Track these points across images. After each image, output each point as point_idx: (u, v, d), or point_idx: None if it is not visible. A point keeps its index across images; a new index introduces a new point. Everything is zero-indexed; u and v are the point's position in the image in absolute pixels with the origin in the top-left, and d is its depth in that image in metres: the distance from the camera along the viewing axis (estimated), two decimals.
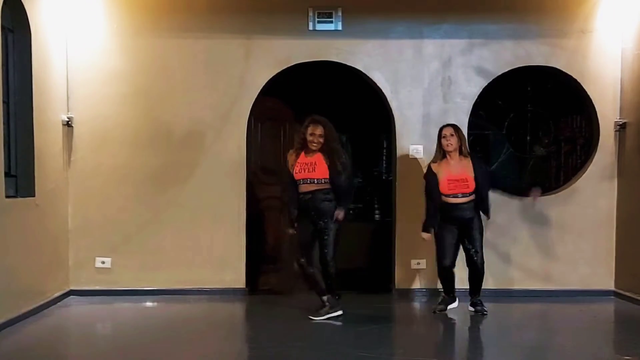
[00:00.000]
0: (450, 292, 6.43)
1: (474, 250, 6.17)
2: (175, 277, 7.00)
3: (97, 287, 6.97)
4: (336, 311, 6.06)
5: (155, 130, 6.98)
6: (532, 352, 5.25)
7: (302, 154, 6.04)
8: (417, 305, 6.93)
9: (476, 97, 7.11)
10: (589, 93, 7.09)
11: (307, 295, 6.42)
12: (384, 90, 7.10)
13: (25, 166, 6.11)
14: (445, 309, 6.37)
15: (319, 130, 5.96)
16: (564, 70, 7.07)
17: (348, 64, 7.08)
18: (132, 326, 6.01)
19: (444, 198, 6.15)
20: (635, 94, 6.81)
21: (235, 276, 7.06)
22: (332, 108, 8.36)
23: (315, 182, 5.98)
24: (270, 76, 7.03)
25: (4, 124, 5.73)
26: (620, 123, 7.01)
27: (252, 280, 7.25)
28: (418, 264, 7.06)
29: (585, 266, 7.08)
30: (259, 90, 7.03)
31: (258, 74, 7.02)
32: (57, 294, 6.62)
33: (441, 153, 6.21)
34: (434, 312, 6.33)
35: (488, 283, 7.01)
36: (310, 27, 7.01)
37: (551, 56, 7.07)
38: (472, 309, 6.34)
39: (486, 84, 7.10)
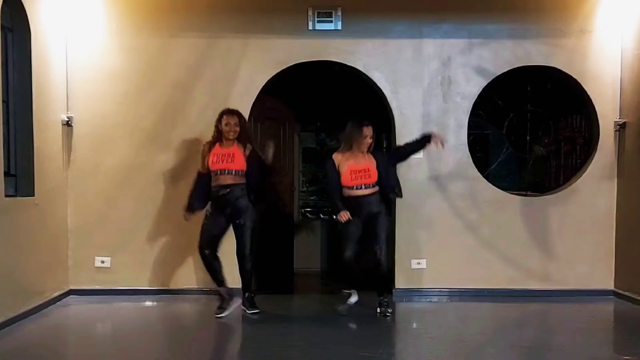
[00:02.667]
0: (352, 286, 6.37)
1: (378, 247, 6.10)
2: (175, 277, 7.00)
3: (97, 287, 6.97)
4: (252, 310, 6.15)
5: (155, 129, 6.98)
6: (531, 352, 5.25)
7: (217, 145, 6.14)
8: (417, 305, 6.93)
9: (476, 96, 7.11)
10: (588, 93, 7.09)
11: (308, 295, 6.42)
12: (383, 90, 7.10)
13: (25, 166, 6.11)
14: (347, 308, 6.25)
15: (234, 120, 6.10)
16: (563, 70, 7.07)
17: (348, 63, 7.07)
18: (131, 326, 6.01)
19: (348, 191, 6.11)
20: (635, 93, 6.81)
21: (236, 276, 7.04)
22: (331, 108, 8.40)
23: (234, 173, 6.07)
24: (270, 76, 7.02)
25: (3, 123, 5.73)
26: (620, 123, 7.01)
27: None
28: (418, 264, 7.06)
29: (585, 266, 7.08)
30: (258, 90, 7.03)
31: (258, 73, 7.02)
32: (56, 294, 6.62)
33: (349, 148, 6.15)
34: (341, 313, 6.23)
35: (488, 283, 7.05)
36: (310, 27, 7.01)
37: (551, 56, 7.07)
38: (378, 309, 6.22)
39: (486, 83, 7.10)
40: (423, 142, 6.31)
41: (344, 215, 6.05)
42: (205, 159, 6.16)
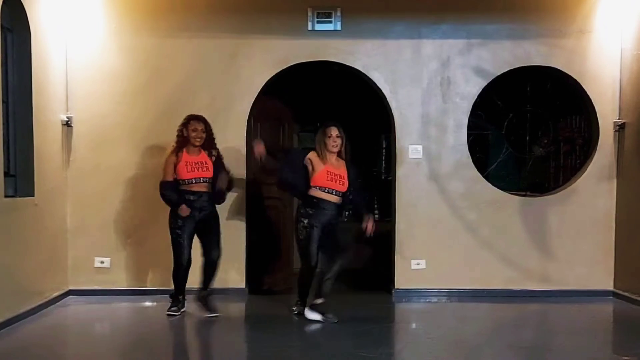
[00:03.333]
0: (303, 297, 6.17)
1: (339, 257, 5.97)
2: None
3: (96, 287, 6.97)
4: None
5: (155, 129, 6.98)
6: (530, 353, 5.25)
7: (185, 153, 6.11)
8: (416, 305, 6.93)
9: (475, 97, 7.12)
10: (588, 93, 7.09)
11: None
12: (383, 90, 7.10)
13: (25, 166, 6.11)
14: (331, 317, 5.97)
15: (201, 126, 6.13)
16: (563, 70, 7.08)
17: (347, 63, 7.08)
18: (130, 326, 6.01)
19: (318, 192, 5.95)
20: (634, 94, 6.82)
21: (235, 276, 7.06)
22: (331, 108, 8.39)
23: (208, 181, 6.12)
24: (270, 76, 7.03)
25: (3, 123, 5.72)
26: (620, 123, 7.02)
27: (252, 280, 7.25)
28: (418, 264, 7.06)
29: (584, 266, 7.09)
30: (258, 90, 7.03)
31: (257, 73, 7.02)
32: (55, 294, 6.62)
33: (323, 151, 6.02)
34: (297, 313, 6.17)
35: (487, 283, 7.05)
36: (310, 27, 7.01)
37: (550, 56, 7.07)
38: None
39: (485, 84, 7.10)
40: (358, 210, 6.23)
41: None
42: (174, 167, 6.08)
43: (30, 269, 6.11)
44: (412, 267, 7.08)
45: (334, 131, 6.03)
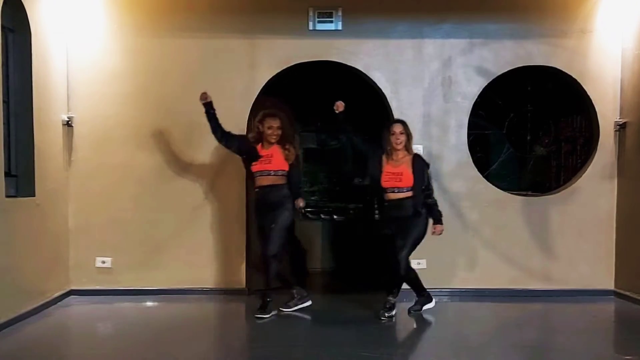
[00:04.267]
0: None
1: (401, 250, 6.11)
2: (176, 277, 7.00)
3: (98, 287, 6.98)
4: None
5: (156, 130, 6.98)
6: (531, 352, 5.25)
7: (259, 147, 6.18)
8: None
9: (476, 96, 7.11)
10: (589, 93, 7.09)
11: (310, 294, 6.43)
12: (384, 90, 7.10)
13: (26, 166, 6.11)
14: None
15: (277, 123, 6.16)
16: (564, 70, 7.07)
17: (348, 63, 7.08)
18: (132, 326, 6.01)
19: (383, 193, 6.13)
20: (635, 93, 6.81)
21: (235, 276, 7.07)
22: (332, 108, 8.37)
23: (272, 173, 6.15)
24: (271, 76, 7.03)
25: (4, 123, 5.74)
26: (620, 123, 7.02)
27: (252, 280, 7.24)
28: (418, 264, 7.04)
29: (585, 266, 7.09)
30: (259, 90, 7.03)
31: (258, 73, 7.02)
32: (57, 294, 6.63)
33: (388, 150, 6.15)
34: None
35: (488, 283, 7.05)
36: (311, 27, 7.01)
37: (551, 56, 7.07)
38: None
39: (486, 83, 7.10)
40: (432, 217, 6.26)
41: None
42: (252, 144, 6.17)
43: (32, 269, 6.12)
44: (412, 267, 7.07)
45: (396, 128, 6.16)
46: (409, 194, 6.06)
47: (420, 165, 6.13)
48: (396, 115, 7.07)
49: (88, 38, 6.95)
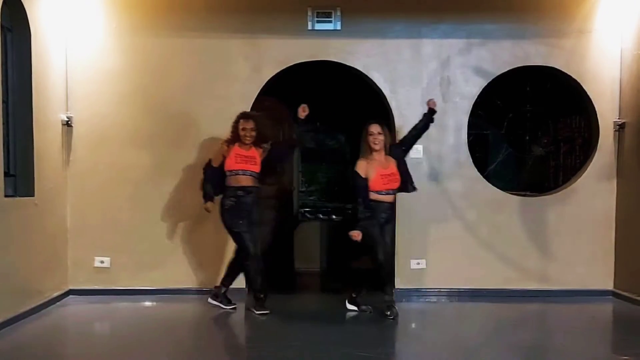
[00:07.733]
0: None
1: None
2: (174, 277, 6.99)
3: (96, 287, 6.97)
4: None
5: (154, 129, 6.98)
6: (529, 353, 5.26)
7: (237, 146, 6.23)
8: (416, 305, 6.93)
9: (475, 97, 7.11)
10: (588, 93, 7.09)
11: (307, 294, 6.43)
12: (382, 90, 7.10)
13: (24, 166, 6.11)
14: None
15: (250, 125, 6.23)
16: (563, 70, 7.08)
17: (347, 63, 7.08)
18: (130, 326, 6.01)
19: (375, 195, 6.08)
20: (634, 94, 6.82)
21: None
22: (331, 108, 8.39)
23: (252, 175, 6.24)
24: (270, 76, 7.03)
25: (3, 123, 5.73)
26: (619, 123, 7.02)
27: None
28: (418, 264, 7.06)
29: (584, 266, 7.09)
30: (258, 90, 7.03)
31: (257, 73, 7.02)
32: (55, 294, 6.62)
33: (368, 151, 6.13)
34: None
35: (487, 283, 7.05)
36: (310, 27, 7.01)
37: (550, 56, 7.07)
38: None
39: (485, 84, 7.09)
40: (426, 119, 6.30)
41: (357, 235, 5.98)
42: (225, 156, 6.19)
43: (30, 269, 6.11)
44: (412, 267, 7.08)
45: (375, 128, 6.12)
46: (394, 194, 6.16)
47: (395, 154, 6.17)
48: (395, 115, 7.08)
49: (87, 38, 6.95)
